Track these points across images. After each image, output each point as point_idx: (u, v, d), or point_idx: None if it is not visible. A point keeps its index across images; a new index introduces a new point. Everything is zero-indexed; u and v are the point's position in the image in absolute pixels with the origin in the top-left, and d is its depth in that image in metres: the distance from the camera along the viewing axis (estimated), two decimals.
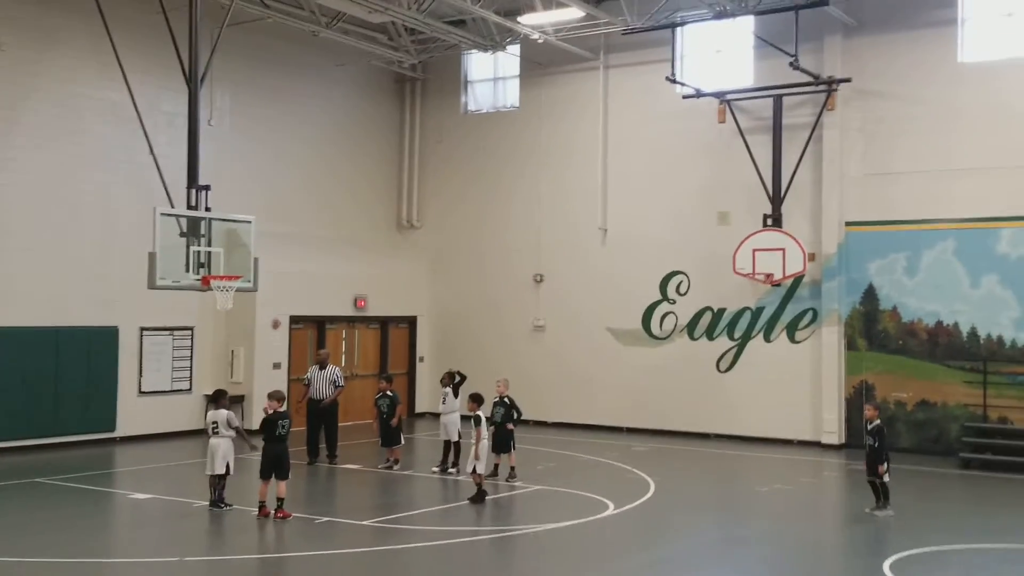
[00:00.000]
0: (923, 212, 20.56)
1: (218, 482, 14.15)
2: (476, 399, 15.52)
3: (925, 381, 20.47)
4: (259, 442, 14.07)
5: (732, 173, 22.43)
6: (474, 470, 14.83)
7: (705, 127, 22.67)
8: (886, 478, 14.43)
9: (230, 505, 14.06)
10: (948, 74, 20.51)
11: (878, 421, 14.72)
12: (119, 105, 18.96)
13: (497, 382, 17.23)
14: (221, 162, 21.24)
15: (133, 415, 20.87)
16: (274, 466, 13.68)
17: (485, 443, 14.98)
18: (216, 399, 14.57)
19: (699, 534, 13.58)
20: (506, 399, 16.80)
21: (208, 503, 14.15)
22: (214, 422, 14.26)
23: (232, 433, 14.22)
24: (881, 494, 14.44)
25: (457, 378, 18.02)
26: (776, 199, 21.62)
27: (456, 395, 17.85)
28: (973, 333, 20.04)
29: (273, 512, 13.51)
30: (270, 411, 13.96)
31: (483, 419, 15.11)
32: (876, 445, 14.46)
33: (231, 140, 22.92)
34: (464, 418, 16.55)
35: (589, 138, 24.48)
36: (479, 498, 14.80)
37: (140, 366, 21.15)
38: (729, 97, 22.25)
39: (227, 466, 14.10)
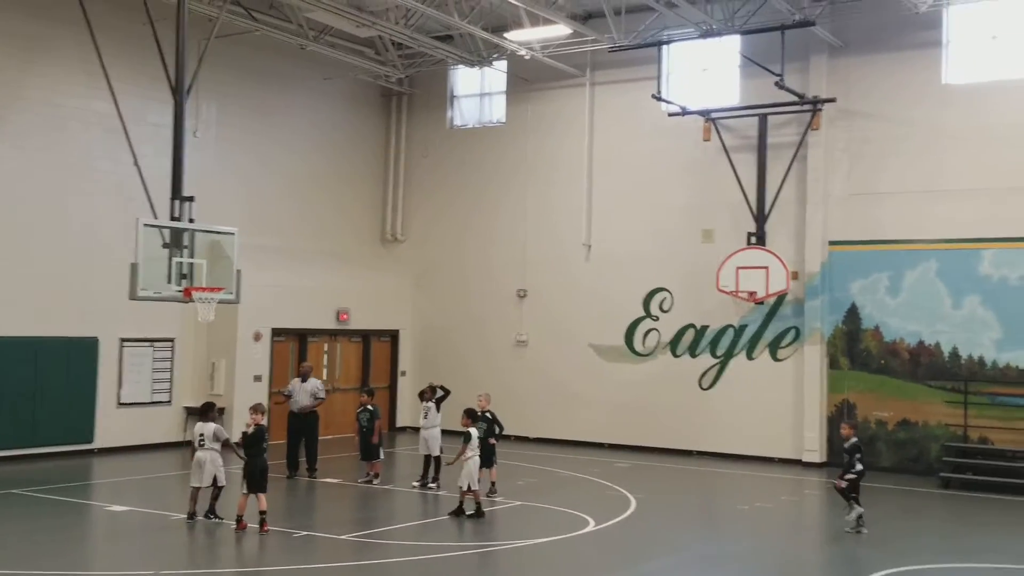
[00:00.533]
0: (906, 232, 20.66)
1: (213, 494, 14.03)
2: (471, 415, 15.48)
3: (906, 400, 20.52)
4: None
5: (717, 191, 22.49)
6: (468, 487, 14.72)
7: (690, 145, 22.74)
8: (842, 484, 14.54)
9: (221, 519, 13.93)
10: (933, 95, 20.64)
11: (855, 439, 14.79)
12: (104, 115, 18.87)
13: (479, 397, 17.18)
14: (206, 174, 21.16)
15: (112, 427, 20.72)
16: (259, 480, 13.57)
17: (475, 459, 14.90)
18: (204, 412, 14.45)
19: (680, 551, 13.54)
20: (488, 414, 16.76)
21: (186, 515, 14.04)
22: (201, 435, 14.14)
23: (218, 446, 14.11)
24: (846, 502, 14.55)
25: (440, 392, 17.98)
26: (760, 217, 21.69)
27: (439, 410, 17.80)
28: (955, 353, 20.12)
29: (259, 526, 13.38)
30: (252, 426, 13.85)
31: (474, 436, 15.04)
32: (851, 461, 14.56)
33: (216, 152, 22.86)
34: (452, 432, 16.45)
35: (575, 154, 24.52)
36: (461, 512, 14.70)
37: (120, 377, 21.00)
38: (714, 115, 22.32)
39: (215, 479, 13.99)
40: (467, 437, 14.93)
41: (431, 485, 17.14)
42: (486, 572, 12.59)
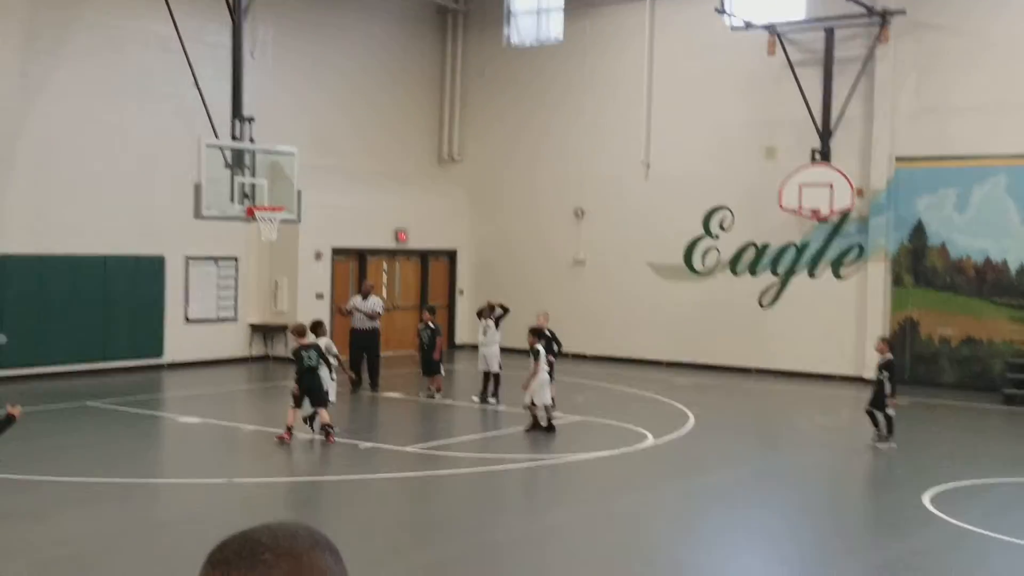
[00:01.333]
0: (975, 148, 20.19)
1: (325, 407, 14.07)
2: (536, 332, 15.49)
3: (971, 317, 20.26)
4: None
5: (780, 107, 22.10)
6: (532, 402, 14.79)
7: (754, 60, 22.30)
8: (890, 411, 14.38)
9: (334, 431, 13.81)
10: (1003, 7, 19.98)
11: (889, 355, 14.62)
12: (162, 36, 18.99)
13: (537, 315, 17.29)
14: (263, 95, 21.23)
15: (180, 342, 21.21)
16: (309, 396, 13.63)
17: (544, 375, 14.93)
18: (315, 329, 14.54)
19: (738, 466, 13.63)
20: (547, 332, 16.86)
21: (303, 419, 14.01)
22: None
23: (334, 362, 14.27)
24: (885, 427, 14.38)
25: (499, 311, 18.10)
26: (825, 134, 21.31)
27: (497, 327, 17.95)
28: (1022, 270, 19.77)
29: (325, 436, 13.52)
30: (296, 345, 13.94)
31: (542, 352, 15.04)
32: (885, 379, 14.38)
33: (273, 73, 22.90)
34: (510, 350, 16.56)
35: (634, 72, 24.19)
36: (538, 427, 14.71)
37: (186, 294, 21.45)
38: (779, 29, 21.82)
39: (327, 395, 13.92)
40: (535, 354, 14.93)
41: (490, 400, 17.37)
42: (546, 484, 12.81)
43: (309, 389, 13.60)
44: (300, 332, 14.11)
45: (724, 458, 14.09)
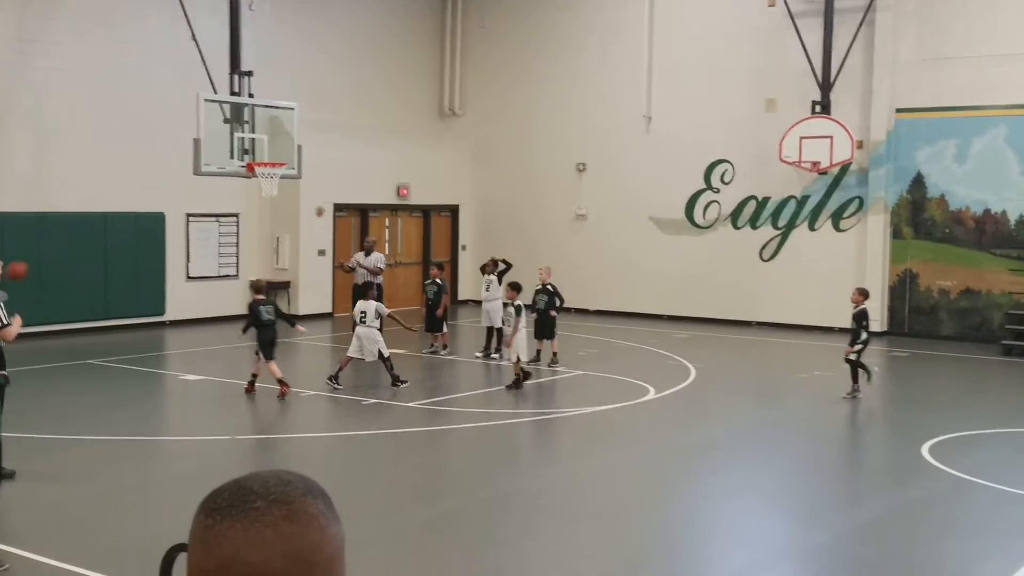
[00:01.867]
0: (975, 98, 20.10)
1: (388, 366, 14.61)
2: (515, 287, 15.58)
3: (970, 269, 20.31)
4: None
5: (781, 59, 21.98)
6: (518, 359, 14.94)
7: (755, 11, 22.13)
8: (852, 357, 14.42)
9: (405, 382, 14.58)
10: None
11: (863, 306, 14.66)
12: None
13: (539, 270, 17.34)
14: (261, 49, 21.12)
15: (181, 299, 21.27)
16: (262, 349, 14.02)
17: (523, 332, 15.06)
18: (365, 291, 15.31)
19: (739, 418, 13.74)
20: (549, 286, 16.93)
21: (328, 378, 14.65)
22: (363, 312, 14.73)
23: (378, 323, 14.72)
24: (851, 374, 14.45)
25: (502, 266, 18.15)
26: (825, 85, 21.20)
27: (500, 283, 18.01)
28: (1021, 221, 19.78)
29: (280, 390, 13.86)
30: (252, 300, 14.45)
31: (522, 308, 15.18)
32: (856, 328, 14.43)
33: (271, 26, 22.72)
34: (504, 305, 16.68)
35: (635, 24, 24.00)
36: (517, 384, 14.90)
37: (187, 252, 21.47)
38: None
39: (380, 353, 14.57)
40: (518, 309, 15.03)
41: (494, 356, 17.45)
42: (549, 438, 12.93)
43: (264, 342, 13.96)
44: (258, 289, 14.55)
45: (725, 411, 14.20)
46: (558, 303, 16.99)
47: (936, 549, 8.43)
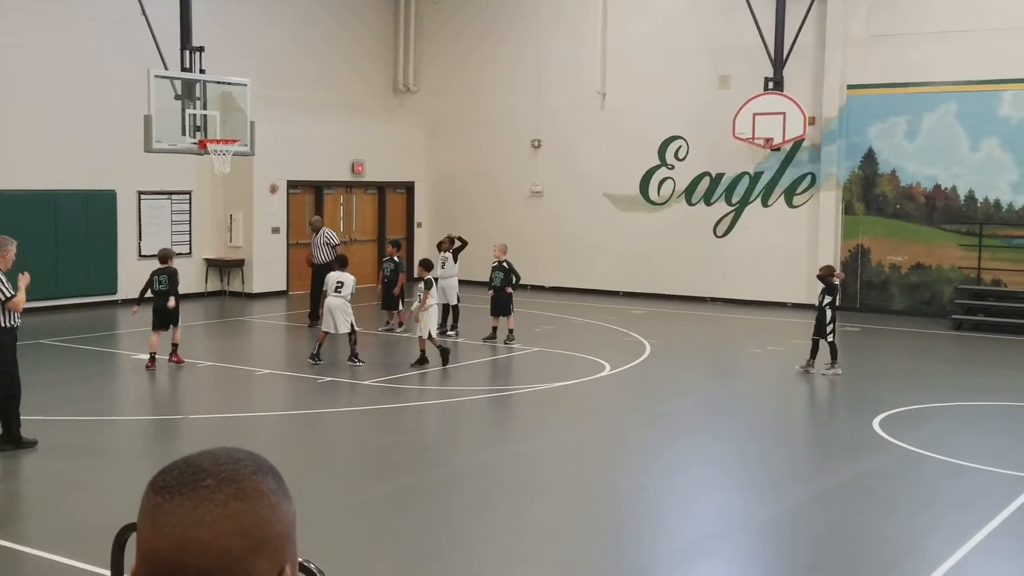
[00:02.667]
0: (926, 74, 20.32)
1: (351, 340, 14.75)
2: (425, 265, 15.72)
3: (921, 244, 20.59)
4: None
5: (734, 36, 22.06)
6: (430, 335, 14.73)
7: None
8: (831, 338, 14.59)
9: (363, 361, 14.68)
10: None
11: (824, 284, 14.84)
12: None
13: (495, 247, 17.35)
14: (213, 24, 20.80)
15: (134, 278, 20.89)
16: (161, 318, 14.25)
17: (434, 308, 14.97)
18: (343, 263, 15.51)
19: (694, 393, 13.88)
20: (504, 263, 16.95)
21: (309, 356, 14.88)
22: (339, 283, 14.79)
23: (349, 296, 14.79)
24: (831, 352, 14.59)
25: (457, 243, 18.12)
26: (778, 62, 21.32)
27: (456, 260, 17.99)
28: (971, 196, 20.07)
29: (169, 357, 14.23)
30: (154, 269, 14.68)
31: (432, 282, 15.19)
32: (823, 305, 14.61)
33: (223, 1, 22.41)
34: (468, 282, 16.68)
35: (589, 0, 23.96)
36: (422, 361, 14.65)
37: (139, 230, 21.20)
38: None
39: (351, 326, 14.72)
40: (427, 284, 15.00)
41: (450, 333, 17.44)
42: (505, 414, 12.96)
43: (156, 309, 14.33)
44: (163, 258, 14.69)
45: (680, 386, 14.32)
46: (514, 280, 17.02)
47: (886, 522, 8.58)
